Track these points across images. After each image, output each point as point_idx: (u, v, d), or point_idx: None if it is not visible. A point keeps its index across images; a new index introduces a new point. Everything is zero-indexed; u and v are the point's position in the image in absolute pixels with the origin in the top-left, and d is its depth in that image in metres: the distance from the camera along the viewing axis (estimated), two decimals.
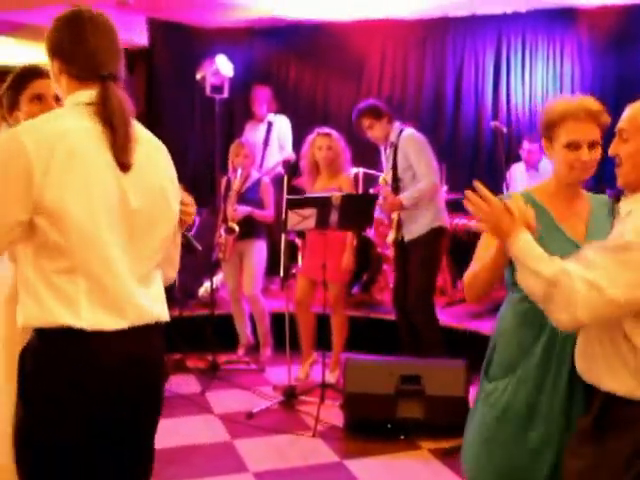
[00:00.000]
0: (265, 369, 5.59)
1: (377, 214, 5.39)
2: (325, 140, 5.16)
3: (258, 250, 5.61)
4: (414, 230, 4.93)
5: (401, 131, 5.01)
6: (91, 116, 1.99)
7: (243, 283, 5.68)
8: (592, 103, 2.29)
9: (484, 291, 2.34)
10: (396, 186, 4.97)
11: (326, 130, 5.26)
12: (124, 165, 1.99)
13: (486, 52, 7.56)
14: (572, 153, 2.27)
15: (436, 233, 4.99)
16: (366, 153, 6.52)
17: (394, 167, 4.98)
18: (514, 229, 2.03)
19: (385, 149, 5.15)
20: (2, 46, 6.67)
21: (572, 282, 1.85)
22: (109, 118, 2.00)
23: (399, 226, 5.01)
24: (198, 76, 6.69)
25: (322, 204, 4.63)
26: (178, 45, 8.05)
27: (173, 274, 2.30)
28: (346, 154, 5.27)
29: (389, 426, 4.34)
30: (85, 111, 2.01)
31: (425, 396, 4.28)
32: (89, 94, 2.05)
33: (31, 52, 6.97)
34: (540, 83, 7.41)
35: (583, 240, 2.26)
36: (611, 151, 2.10)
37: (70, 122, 1.97)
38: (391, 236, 5.07)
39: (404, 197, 4.86)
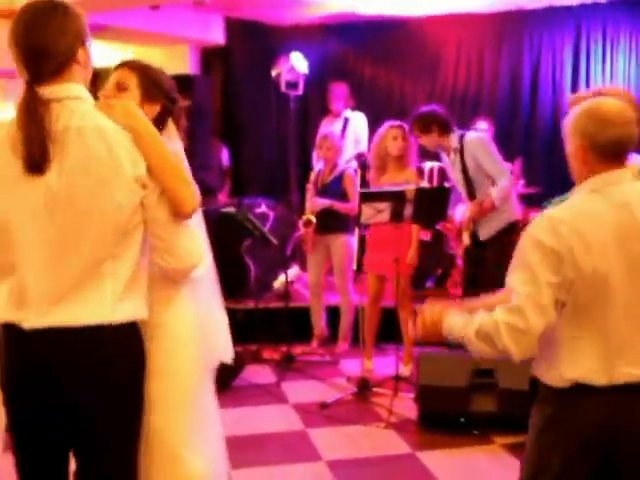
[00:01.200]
0: (339, 361, 5.66)
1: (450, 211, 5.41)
2: (399, 131, 5.18)
3: (346, 244, 5.64)
4: (493, 227, 4.97)
5: (462, 136, 5.04)
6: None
7: (335, 276, 5.76)
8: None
9: None
10: (470, 189, 5.00)
11: (398, 122, 5.28)
12: (34, 167, 1.96)
13: (564, 45, 7.48)
14: None
15: (514, 227, 5.00)
16: None
17: (464, 171, 5.02)
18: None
19: (448, 155, 5.15)
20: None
21: (498, 333, 2.01)
22: (18, 123, 1.99)
23: (472, 227, 5.04)
24: (273, 73, 6.80)
25: (396, 198, 4.67)
26: (254, 43, 8.19)
27: (177, 264, 2.12)
28: (415, 148, 5.28)
29: (462, 420, 4.33)
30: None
31: (499, 390, 4.26)
32: None
33: (115, 53, 7.19)
34: (622, 76, 7.27)
35: None
36: None
37: None
38: (466, 238, 5.08)
39: (495, 198, 4.90)
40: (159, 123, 2.29)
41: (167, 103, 2.35)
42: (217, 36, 8.07)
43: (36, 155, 1.94)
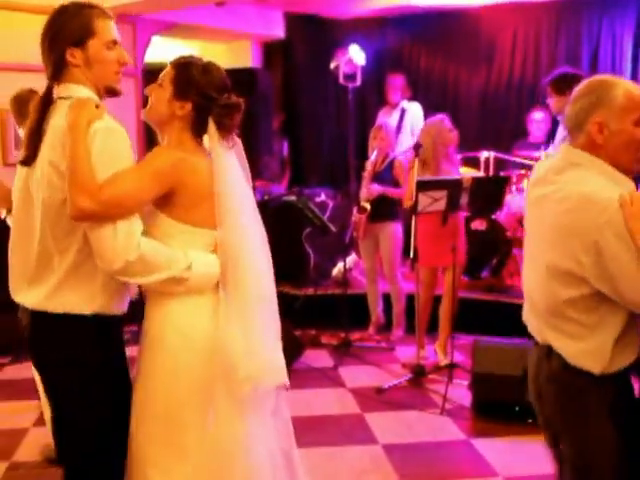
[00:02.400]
0: (395, 348, 5.76)
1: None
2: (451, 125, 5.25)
3: (393, 232, 5.72)
4: None
5: None
6: None
7: (383, 265, 5.85)
8: None
9: None
10: None
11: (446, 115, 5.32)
12: (25, 160, 2.24)
13: (624, 32, 7.32)
14: None
15: None
16: (498, 137, 6.53)
17: None
18: None
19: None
20: (156, 45, 7.10)
21: None
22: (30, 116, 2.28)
23: None
24: (332, 65, 6.88)
25: (453, 186, 4.73)
26: (313, 36, 8.32)
27: (103, 265, 2.14)
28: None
29: (517, 409, 4.37)
30: None
31: None
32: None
33: (182, 49, 7.38)
34: None
35: None
36: None
37: None
38: None
39: None
40: (196, 121, 2.30)
41: (200, 100, 2.28)
42: (278, 30, 8.23)
43: (28, 150, 2.21)
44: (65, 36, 2.19)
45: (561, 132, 5.07)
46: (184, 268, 2.19)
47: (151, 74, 6.75)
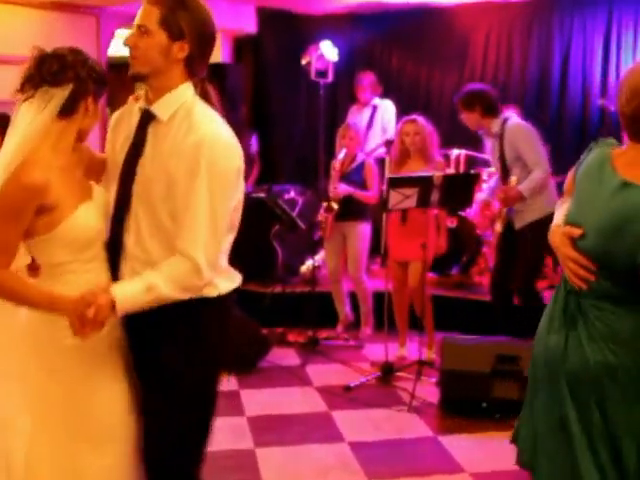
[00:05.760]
0: (363, 346, 5.71)
1: (483, 197, 5.41)
2: (412, 126, 5.19)
3: (361, 232, 5.68)
4: (527, 217, 4.90)
5: (504, 121, 4.94)
6: None
7: (348, 265, 5.80)
8: None
9: None
10: (506, 177, 4.95)
11: (412, 117, 5.27)
12: None
13: (595, 32, 7.37)
14: None
15: (549, 219, 4.94)
16: (469, 135, 6.51)
17: (502, 158, 4.95)
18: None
19: (489, 139, 5.10)
20: (120, 38, 7.02)
21: None
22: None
23: (506, 215, 4.99)
24: (303, 61, 6.83)
25: (424, 183, 4.70)
26: (285, 32, 8.28)
27: None
28: (434, 139, 5.26)
29: (484, 405, 4.37)
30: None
31: (523, 377, 4.27)
32: (190, 86, 2.28)
33: None
34: None
35: None
36: None
37: None
38: (499, 226, 5.04)
39: (523, 189, 4.80)
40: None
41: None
42: (249, 25, 8.17)
43: None
44: None
45: (489, 144, 5.13)
46: None
47: (115, 68, 6.65)
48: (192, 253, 2.07)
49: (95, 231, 2.19)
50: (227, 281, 2.28)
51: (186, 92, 2.18)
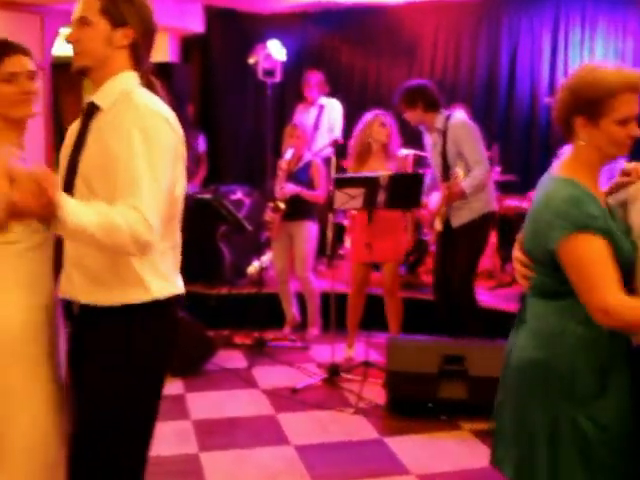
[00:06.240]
0: (310, 347, 5.67)
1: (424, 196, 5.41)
2: (387, 119, 5.18)
3: (308, 232, 5.64)
4: (465, 215, 4.90)
5: (448, 117, 4.94)
6: None
7: (294, 264, 5.75)
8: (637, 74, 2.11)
9: None
10: (446, 173, 4.94)
11: (382, 112, 5.26)
12: None
13: (543, 31, 7.47)
14: (624, 129, 2.04)
15: (487, 218, 4.98)
16: (416, 135, 6.53)
17: (443, 154, 4.94)
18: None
19: (430, 134, 5.08)
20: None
21: None
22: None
23: (445, 213, 4.98)
24: (251, 61, 6.77)
25: (370, 184, 4.67)
26: (232, 31, 8.23)
27: None
28: (397, 136, 5.27)
29: (430, 406, 4.36)
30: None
31: (468, 377, 4.29)
32: (136, 76, 2.14)
33: None
34: None
35: None
36: None
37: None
38: (438, 224, 5.03)
39: (466, 186, 4.78)
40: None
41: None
42: (196, 24, 8.08)
43: None
44: None
45: (428, 140, 5.11)
46: None
47: (60, 68, 6.47)
48: (137, 204, 1.90)
49: None
50: (163, 284, 2.12)
51: (128, 80, 2.11)
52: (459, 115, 5.09)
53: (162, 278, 2.11)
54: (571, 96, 2.10)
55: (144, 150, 1.95)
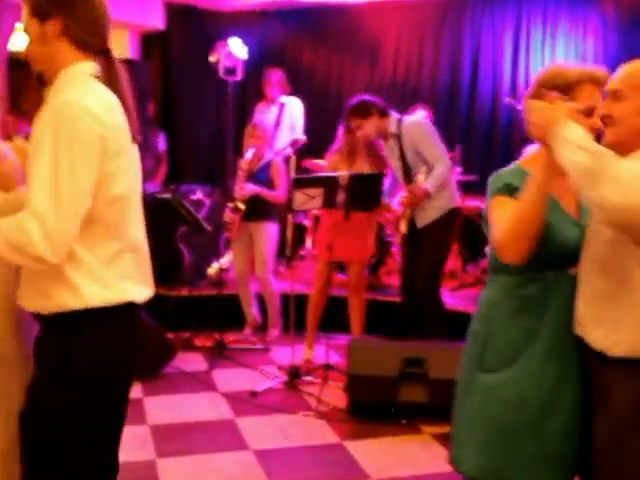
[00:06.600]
0: (271, 349, 5.61)
1: (386, 199, 5.37)
2: None
3: (268, 232, 5.59)
4: (430, 215, 4.87)
5: (400, 120, 4.92)
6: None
7: (255, 265, 5.69)
8: (601, 70, 2.21)
9: (533, 240, 2.04)
10: (408, 176, 4.92)
11: None
12: (135, 139, 2.10)
13: (505, 31, 7.48)
14: (586, 121, 2.05)
15: (452, 214, 4.95)
16: None
17: (402, 157, 4.92)
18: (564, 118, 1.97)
19: (386, 141, 5.04)
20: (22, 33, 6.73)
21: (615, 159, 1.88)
22: (122, 95, 2.03)
23: (410, 214, 4.96)
24: (211, 59, 6.70)
25: (329, 184, 4.62)
26: (194, 28, 8.15)
27: None
28: None
29: (392, 409, 4.33)
30: (101, 84, 2.02)
31: (429, 380, 4.26)
32: (92, 66, 2.04)
33: None
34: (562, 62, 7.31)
35: (579, 217, 2.19)
36: (604, 111, 2.08)
37: (110, 96, 2.00)
38: (403, 227, 4.99)
39: (429, 186, 4.76)
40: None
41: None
42: (157, 21, 7.96)
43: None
44: None
45: (387, 149, 5.07)
46: None
47: (17, 63, 6.30)
48: (36, 208, 1.83)
49: None
50: (101, 292, 1.99)
51: (76, 72, 2.02)
52: (411, 117, 5.10)
53: (101, 285, 1.99)
54: (538, 88, 2.20)
55: (51, 148, 1.85)
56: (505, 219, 2.08)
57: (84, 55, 2.04)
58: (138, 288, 2.12)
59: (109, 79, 2.04)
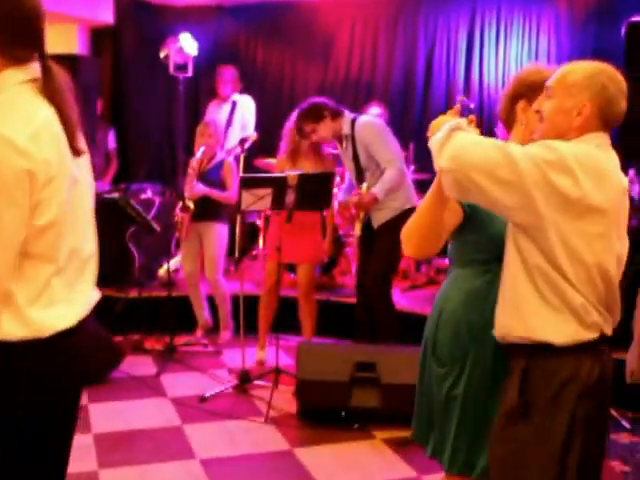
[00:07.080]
0: (222, 352, 5.50)
1: (339, 199, 5.28)
2: None
3: (218, 233, 5.47)
4: (385, 215, 4.79)
5: (353, 120, 4.82)
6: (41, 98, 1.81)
7: (205, 266, 5.57)
8: None
9: (425, 240, 2.36)
10: (361, 178, 4.84)
11: None
12: (77, 151, 1.86)
13: (459, 29, 7.42)
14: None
15: (408, 215, 4.85)
16: None
17: (355, 159, 4.84)
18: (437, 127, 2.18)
19: (340, 143, 4.96)
20: None
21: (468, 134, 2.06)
22: (59, 103, 1.81)
23: (364, 217, 4.87)
24: (162, 54, 6.57)
25: (278, 184, 4.51)
26: (144, 23, 7.98)
27: None
28: None
29: (343, 414, 4.25)
30: (33, 91, 1.80)
31: (380, 384, 4.18)
32: (22, 72, 1.82)
33: None
34: (515, 60, 7.27)
35: None
36: (535, 106, 2.22)
37: (41, 106, 1.80)
38: (357, 229, 4.90)
39: (377, 192, 4.68)
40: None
41: None
42: (106, 15, 7.75)
43: (79, 138, 1.91)
44: None
45: (341, 150, 4.99)
46: None
47: None
48: None
49: None
50: (18, 325, 1.82)
51: (3, 81, 1.79)
52: (364, 117, 4.99)
53: (18, 319, 1.82)
54: (517, 82, 2.37)
55: None
56: (411, 218, 2.35)
57: (9, 63, 1.81)
58: (71, 309, 1.94)
59: (44, 86, 1.82)
